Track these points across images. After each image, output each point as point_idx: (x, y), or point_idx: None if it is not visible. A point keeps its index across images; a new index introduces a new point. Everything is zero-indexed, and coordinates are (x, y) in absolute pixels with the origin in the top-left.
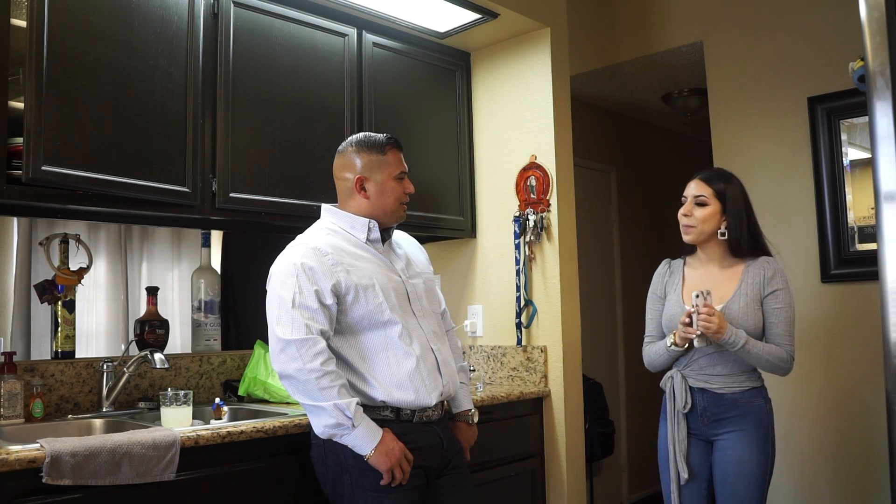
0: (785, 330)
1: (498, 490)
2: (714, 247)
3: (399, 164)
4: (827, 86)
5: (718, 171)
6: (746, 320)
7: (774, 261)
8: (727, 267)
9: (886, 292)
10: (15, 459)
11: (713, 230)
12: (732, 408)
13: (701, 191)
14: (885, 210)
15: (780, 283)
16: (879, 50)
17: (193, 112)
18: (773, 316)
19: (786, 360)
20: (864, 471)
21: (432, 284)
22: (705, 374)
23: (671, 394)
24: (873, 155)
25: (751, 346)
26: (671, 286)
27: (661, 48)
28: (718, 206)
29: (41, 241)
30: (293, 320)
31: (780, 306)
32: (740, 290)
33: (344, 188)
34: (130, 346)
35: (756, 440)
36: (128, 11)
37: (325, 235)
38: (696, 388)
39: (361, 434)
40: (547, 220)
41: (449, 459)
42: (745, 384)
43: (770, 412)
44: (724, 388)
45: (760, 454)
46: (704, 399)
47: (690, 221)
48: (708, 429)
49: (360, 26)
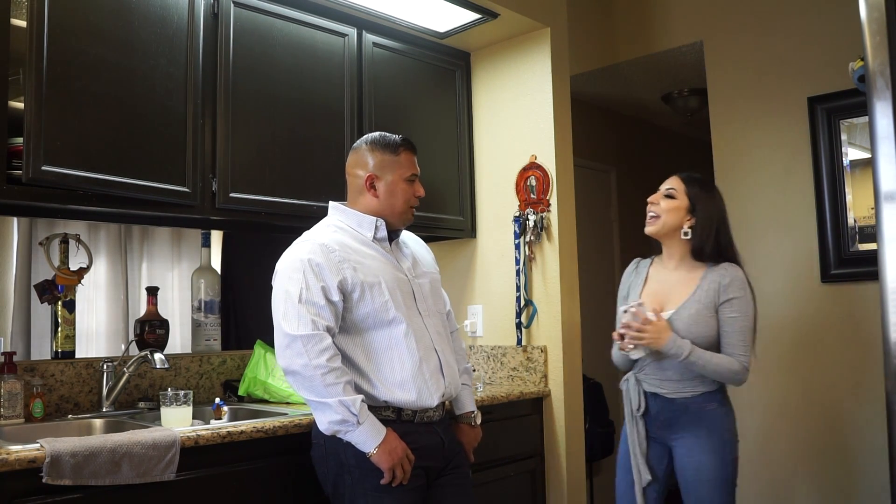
0: (739, 339)
1: (498, 490)
2: (676, 246)
3: (411, 166)
4: (827, 86)
5: (700, 177)
6: (696, 327)
7: (735, 268)
8: (688, 271)
9: (886, 292)
10: (15, 459)
11: (676, 225)
12: (684, 413)
13: (673, 185)
14: (885, 210)
15: (737, 292)
16: (879, 50)
17: (193, 112)
18: (727, 325)
19: (737, 372)
20: (864, 471)
21: (438, 285)
22: (657, 379)
23: (627, 396)
24: (873, 155)
25: (696, 357)
26: (634, 287)
27: (661, 48)
28: (686, 204)
29: (41, 241)
30: (300, 316)
31: (735, 315)
32: (694, 297)
33: (355, 185)
34: (130, 346)
35: (710, 445)
36: (128, 11)
37: (332, 232)
38: (649, 392)
39: (365, 431)
40: (547, 220)
41: (450, 460)
42: (696, 389)
43: (725, 416)
44: (674, 393)
45: (717, 458)
46: (657, 403)
47: (655, 210)
48: (663, 432)
49: (360, 26)
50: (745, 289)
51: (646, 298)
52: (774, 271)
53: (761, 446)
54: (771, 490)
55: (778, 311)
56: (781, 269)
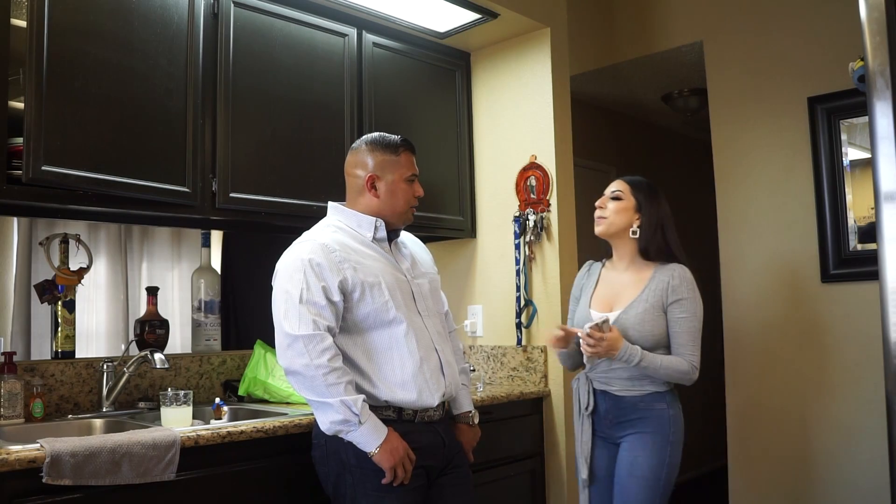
0: (688, 340)
1: (498, 490)
2: (625, 247)
3: (411, 166)
4: (827, 86)
5: (643, 179)
6: (643, 327)
7: (684, 269)
8: (637, 272)
9: (886, 292)
10: (15, 459)
11: (625, 225)
12: (632, 411)
13: (619, 187)
14: (885, 210)
15: (686, 293)
16: (879, 50)
17: (193, 112)
18: (676, 325)
19: (686, 372)
20: (864, 470)
21: (437, 285)
22: (607, 377)
23: (576, 395)
24: (873, 155)
25: (647, 362)
26: (586, 289)
27: (661, 48)
28: (633, 203)
29: (41, 241)
30: (300, 316)
31: (684, 315)
32: (642, 296)
33: (354, 185)
34: (130, 346)
35: (652, 444)
36: (128, 11)
37: (331, 232)
38: (598, 390)
39: (367, 431)
40: (547, 220)
41: (450, 459)
42: (645, 388)
43: (673, 419)
44: (623, 391)
45: (654, 458)
46: (606, 401)
47: (603, 213)
48: (612, 431)
49: (360, 26)
50: (693, 290)
51: (596, 299)
52: (774, 271)
53: (761, 445)
54: (771, 489)
55: (778, 311)
56: (781, 269)
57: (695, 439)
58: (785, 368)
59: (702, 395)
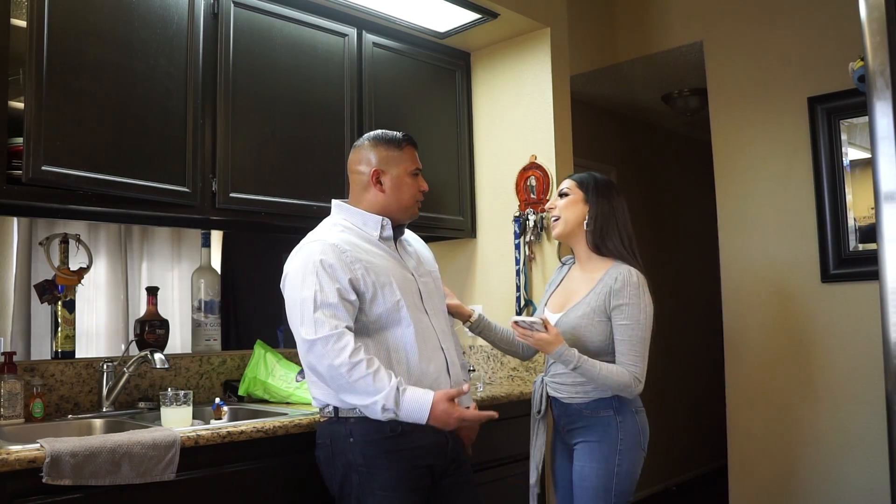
0: (629, 349)
1: (498, 490)
2: (581, 243)
3: (414, 160)
4: (827, 86)
5: (593, 174)
6: (580, 331)
7: (630, 272)
8: (590, 270)
9: (886, 292)
10: (15, 459)
11: (578, 220)
12: (579, 418)
13: (565, 185)
14: (885, 210)
15: (627, 298)
16: (879, 50)
17: (193, 112)
18: (617, 332)
19: (627, 385)
20: (864, 470)
21: (440, 283)
22: (556, 383)
23: (533, 397)
24: (873, 155)
25: (584, 370)
26: (550, 287)
27: (661, 48)
28: (581, 196)
29: (41, 241)
30: (316, 320)
31: (626, 322)
32: (585, 299)
33: (359, 182)
34: (130, 346)
35: (598, 452)
36: (128, 11)
37: (339, 232)
38: (551, 395)
39: (412, 406)
40: (547, 220)
41: (454, 458)
42: (589, 395)
43: (621, 425)
44: (568, 397)
45: (601, 467)
46: (557, 407)
47: (555, 213)
48: (566, 438)
49: (360, 26)
50: (638, 294)
51: (553, 299)
52: (774, 271)
53: (761, 445)
54: (771, 489)
55: (778, 311)
56: (781, 269)
57: (694, 439)
58: (785, 368)
59: (701, 394)
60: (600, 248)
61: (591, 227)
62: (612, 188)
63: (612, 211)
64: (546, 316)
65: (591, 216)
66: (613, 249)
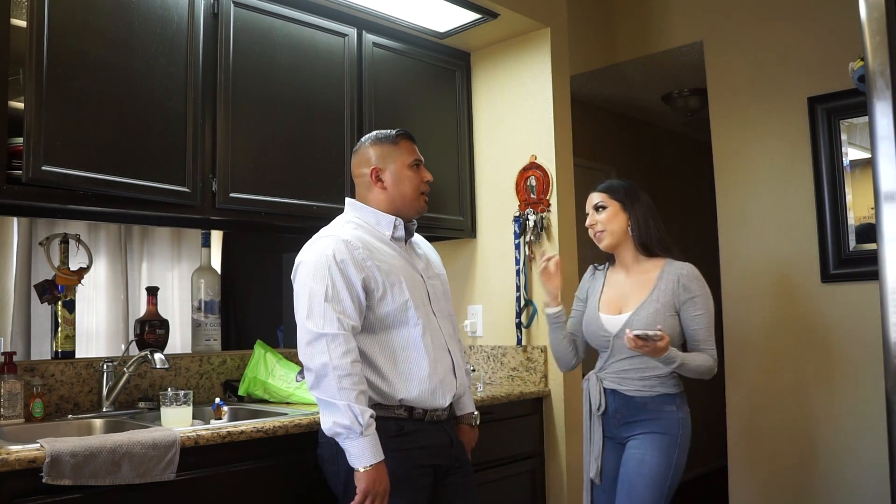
0: (706, 335)
1: (498, 490)
2: (628, 249)
3: (412, 152)
4: (827, 86)
5: (614, 181)
6: (656, 326)
7: (690, 266)
8: (643, 272)
9: (886, 292)
10: (15, 459)
11: (623, 228)
12: (642, 411)
13: (597, 199)
14: (885, 210)
15: (697, 290)
16: (879, 50)
17: (193, 112)
18: (693, 323)
19: (712, 367)
20: (864, 470)
21: (447, 287)
22: (618, 377)
23: (587, 395)
24: (873, 155)
25: (686, 362)
26: (592, 291)
27: (661, 48)
28: (617, 205)
29: (41, 241)
30: (325, 313)
31: (700, 312)
32: (652, 297)
33: (362, 183)
34: (130, 346)
35: (661, 443)
36: (128, 11)
37: (352, 229)
38: (609, 389)
39: (365, 446)
40: (547, 220)
41: (457, 458)
42: (655, 389)
43: (682, 421)
44: (634, 390)
45: (663, 458)
46: (616, 401)
47: (598, 227)
48: (620, 431)
49: (360, 26)
50: (703, 286)
51: (604, 302)
52: (774, 271)
53: (761, 445)
54: (771, 489)
55: (778, 311)
56: (781, 269)
57: (695, 439)
58: (785, 368)
59: (701, 394)
60: (648, 248)
61: (637, 231)
62: (636, 189)
63: (647, 210)
64: (603, 319)
65: (633, 222)
66: (660, 248)
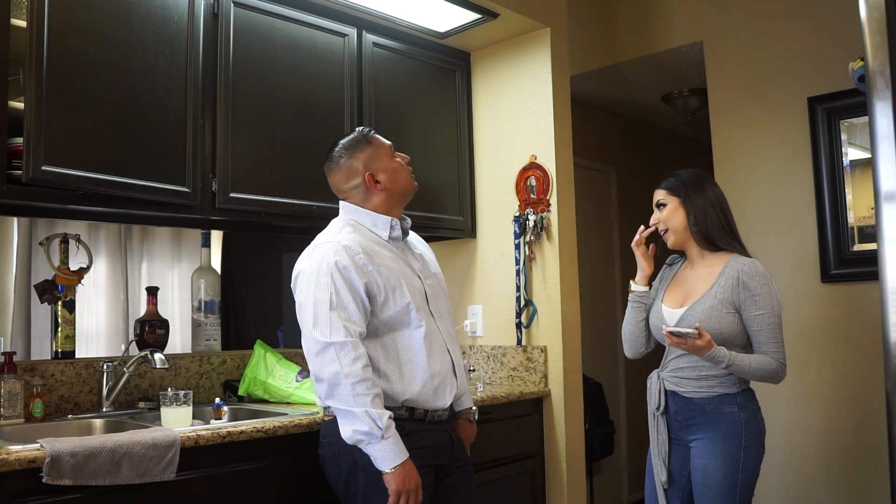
0: (770, 337)
1: (498, 490)
2: (692, 244)
3: (384, 142)
4: (827, 86)
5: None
6: (709, 324)
7: (755, 262)
8: (707, 266)
9: (886, 292)
10: (15, 459)
11: (683, 224)
12: (700, 413)
13: (658, 196)
14: (885, 210)
15: (759, 288)
16: (879, 50)
17: (193, 112)
18: (754, 323)
19: (776, 371)
20: (864, 471)
21: (444, 286)
22: (676, 377)
23: (649, 394)
24: (873, 155)
25: (737, 364)
26: (662, 283)
27: (661, 48)
28: (676, 201)
29: (41, 241)
30: (331, 322)
31: (761, 312)
32: (710, 292)
33: (358, 193)
34: (130, 346)
35: (722, 448)
36: (128, 11)
37: (350, 233)
38: (669, 390)
39: (389, 448)
40: (547, 220)
41: (457, 457)
42: (713, 390)
43: (745, 421)
44: (691, 392)
45: (726, 463)
46: (675, 402)
47: (661, 226)
48: (682, 433)
49: (360, 26)
50: (766, 284)
51: (668, 295)
52: (774, 271)
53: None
54: (771, 489)
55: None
56: (781, 269)
57: None
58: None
59: None
60: (712, 242)
61: (695, 227)
62: (701, 180)
63: (706, 203)
64: (664, 311)
65: (690, 218)
66: (724, 242)
